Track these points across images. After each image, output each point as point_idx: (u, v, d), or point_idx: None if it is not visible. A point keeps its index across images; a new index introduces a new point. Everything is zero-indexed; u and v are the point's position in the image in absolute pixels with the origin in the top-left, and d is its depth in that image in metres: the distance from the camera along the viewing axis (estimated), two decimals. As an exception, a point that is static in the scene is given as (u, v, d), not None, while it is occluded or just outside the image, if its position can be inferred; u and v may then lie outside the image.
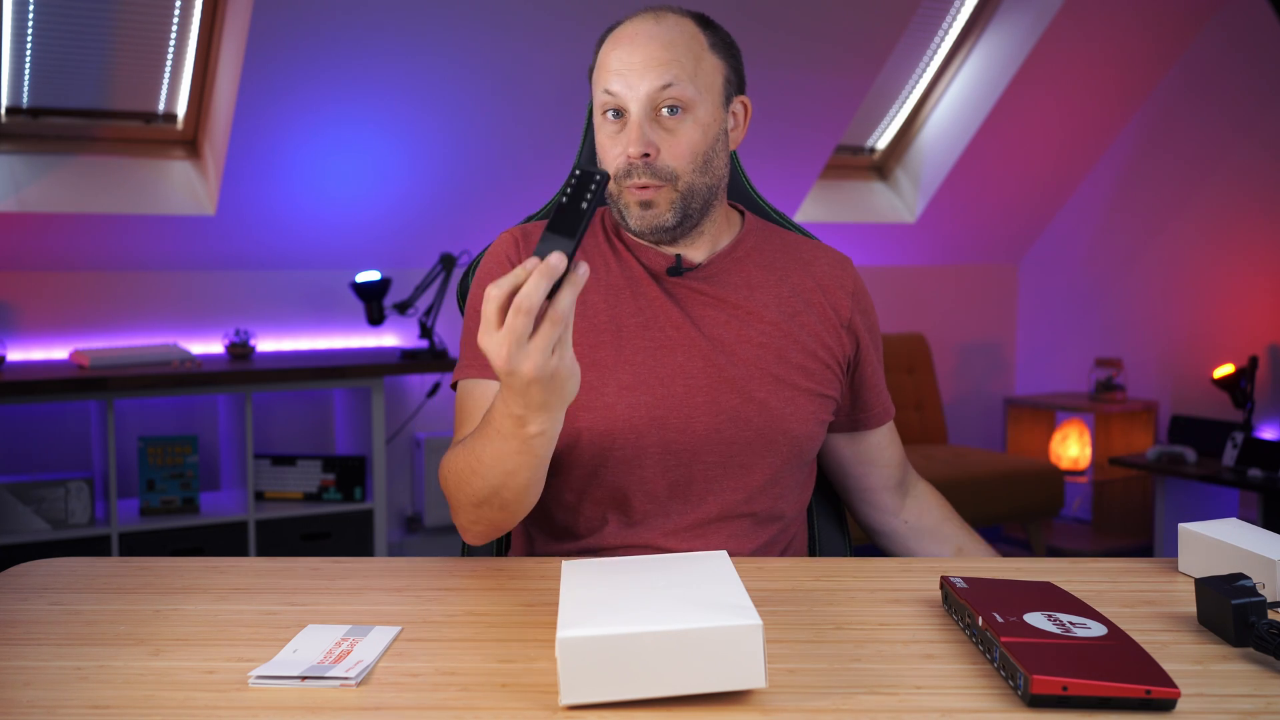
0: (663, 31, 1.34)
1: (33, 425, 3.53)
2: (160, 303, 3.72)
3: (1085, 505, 4.80)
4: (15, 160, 3.43)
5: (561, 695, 0.87)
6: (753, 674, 0.87)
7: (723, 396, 1.36)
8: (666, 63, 1.32)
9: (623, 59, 1.34)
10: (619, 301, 1.39)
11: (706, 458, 1.35)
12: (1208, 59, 4.47)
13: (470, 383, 1.37)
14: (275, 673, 0.93)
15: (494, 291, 0.99)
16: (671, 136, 1.33)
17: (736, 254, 1.43)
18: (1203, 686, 0.90)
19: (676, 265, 1.39)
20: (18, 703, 0.89)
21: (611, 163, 1.36)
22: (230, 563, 1.29)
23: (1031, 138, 4.62)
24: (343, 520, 3.59)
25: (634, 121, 1.33)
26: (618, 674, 0.87)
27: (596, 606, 0.93)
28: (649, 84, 1.32)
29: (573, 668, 0.87)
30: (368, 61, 3.37)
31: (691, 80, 1.33)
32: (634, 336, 1.37)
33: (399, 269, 3.94)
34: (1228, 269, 4.43)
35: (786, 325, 1.40)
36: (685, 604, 0.92)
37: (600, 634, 0.87)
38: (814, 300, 1.44)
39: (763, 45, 3.77)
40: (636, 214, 1.36)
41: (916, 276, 4.98)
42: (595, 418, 1.34)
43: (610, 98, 1.34)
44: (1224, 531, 1.19)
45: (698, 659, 0.87)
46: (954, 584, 1.06)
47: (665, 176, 1.34)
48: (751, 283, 1.42)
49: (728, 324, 1.39)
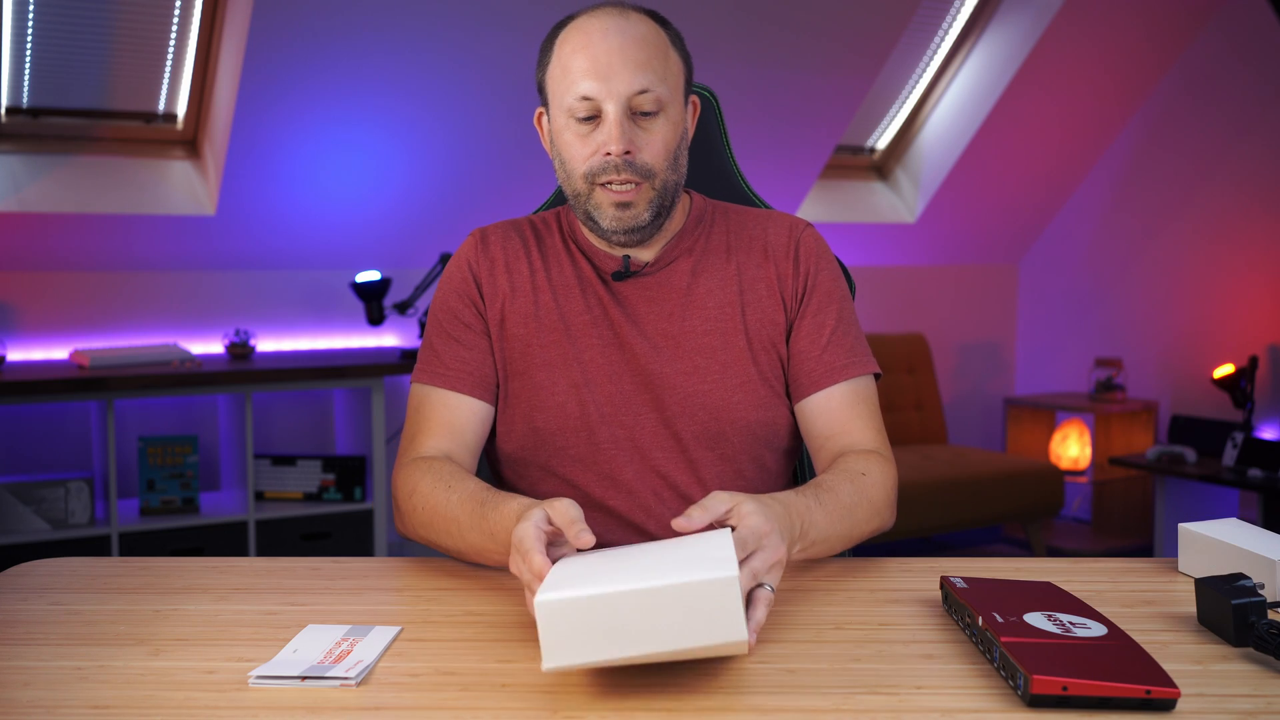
0: (632, 27, 1.32)
1: (33, 425, 3.53)
2: (160, 303, 3.72)
3: (1085, 505, 4.80)
4: (15, 160, 3.43)
5: (544, 660, 0.88)
6: (733, 628, 0.87)
7: (668, 394, 1.36)
8: (644, 64, 1.30)
9: (597, 59, 1.30)
10: (569, 301, 1.39)
11: (658, 454, 1.36)
12: (1208, 59, 4.46)
13: (425, 388, 1.38)
14: (275, 673, 0.93)
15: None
16: (647, 135, 1.32)
17: (683, 245, 1.42)
18: (1203, 686, 0.90)
19: (624, 268, 1.39)
20: (18, 703, 0.89)
21: (583, 162, 1.33)
22: (230, 563, 1.29)
23: (1031, 138, 4.62)
24: (343, 520, 3.59)
25: (614, 119, 1.30)
26: (597, 635, 0.87)
27: (578, 574, 0.94)
28: (628, 85, 1.29)
29: (552, 631, 0.87)
30: (368, 61, 3.37)
31: (663, 80, 1.32)
32: (583, 335, 1.38)
33: (399, 269, 3.94)
34: (1228, 269, 4.43)
35: (732, 309, 1.39)
36: (664, 564, 0.93)
37: (577, 595, 0.88)
38: (761, 274, 1.41)
39: (763, 45, 3.77)
40: (612, 215, 1.33)
41: (916, 276, 4.98)
42: (548, 416, 1.36)
43: (585, 102, 1.31)
44: (1224, 531, 1.19)
45: (675, 615, 0.87)
46: (954, 584, 1.06)
47: (644, 174, 1.32)
48: (698, 269, 1.41)
49: (671, 317, 1.38)
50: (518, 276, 1.41)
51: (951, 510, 4.04)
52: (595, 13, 1.34)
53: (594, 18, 1.33)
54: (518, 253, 1.43)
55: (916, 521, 3.97)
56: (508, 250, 1.43)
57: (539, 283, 1.41)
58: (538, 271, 1.41)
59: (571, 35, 1.33)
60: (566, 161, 1.35)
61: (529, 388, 1.37)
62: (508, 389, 1.39)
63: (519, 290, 1.41)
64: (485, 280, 1.42)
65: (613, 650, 0.87)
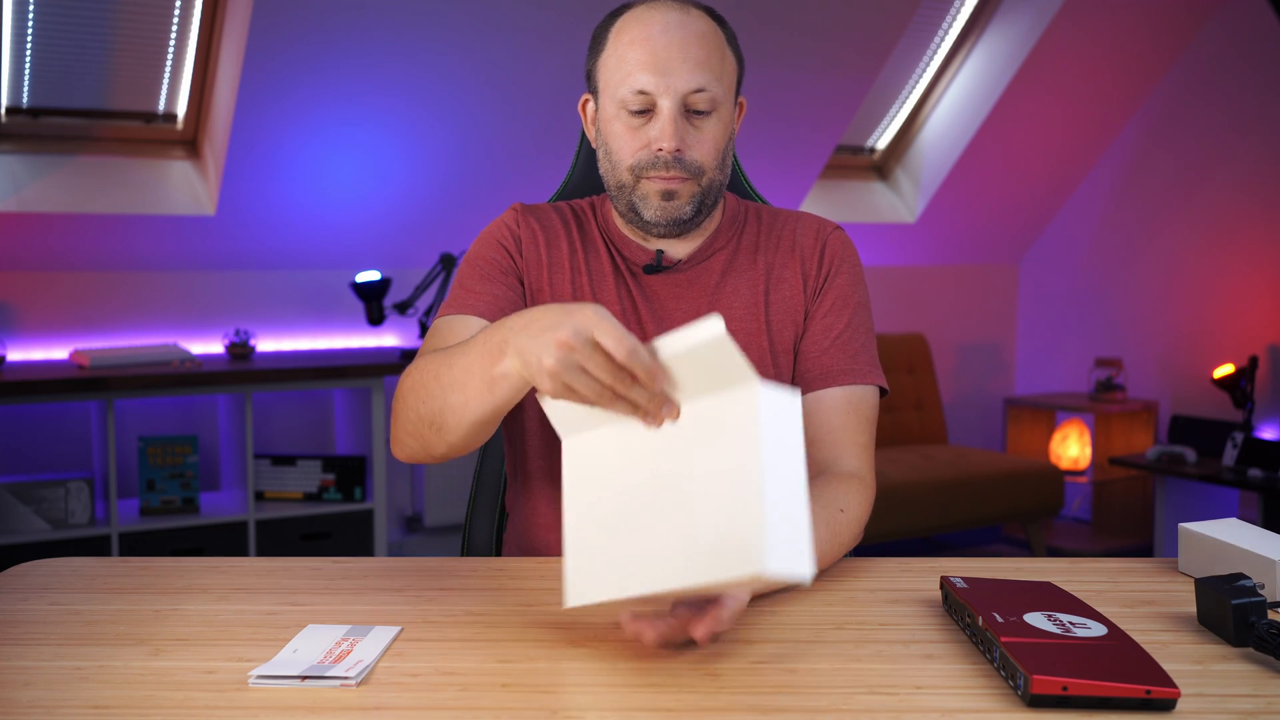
0: (693, 24, 1.30)
1: (33, 425, 3.53)
2: (160, 303, 3.72)
3: (1085, 505, 4.80)
4: (15, 160, 3.43)
5: (566, 597, 0.95)
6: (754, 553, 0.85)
7: None
8: (703, 62, 1.29)
9: (656, 52, 1.28)
10: (604, 290, 1.39)
11: None
12: (1208, 59, 4.46)
13: (449, 318, 1.35)
14: (275, 673, 0.93)
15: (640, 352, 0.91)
16: (699, 133, 1.31)
17: (717, 243, 1.41)
18: (1203, 686, 0.90)
19: (656, 262, 1.39)
20: (18, 703, 0.89)
21: (631, 155, 1.32)
22: (230, 563, 1.29)
23: (1031, 138, 4.62)
24: (343, 520, 3.59)
25: (668, 115, 1.29)
26: (625, 595, 0.92)
27: (603, 550, 0.97)
28: (685, 82, 1.28)
29: (576, 566, 0.93)
30: (368, 61, 3.37)
31: (719, 80, 1.31)
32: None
33: (399, 269, 3.94)
34: (1228, 269, 4.43)
35: (757, 310, 1.39)
36: (689, 529, 0.91)
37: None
38: (787, 274, 1.40)
39: (763, 45, 3.77)
40: (656, 205, 1.33)
41: (916, 276, 4.98)
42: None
43: (640, 96, 1.29)
44: (1224, 531, 1.19)
45: (706, 577, 0.88)
46: (954, 584, 1.06)
47: (693, 171, 1.32)
48: (728, 269, 1.40)
49: (699, 315, 1.37)
50: (556, 254, 1.40)
51: (951, 510, 4.04)
52: (656, 5, 1.32)
53: (655, 9, 1.31)
54: (558, 232, 1.41)
55: (916, 521, 3.97)
56: (549, 228, 1.41)
57: (577, 265, 1.40)
58: (577, 253, 1.40)
59: (629, 25, 1.32)
60: (613, 152, 1.34)
61: None
62: None
63: (557, 268, 1.39)
64: (527, 244, 1.40)
65: (638, 587, 0.92)
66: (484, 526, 1.60)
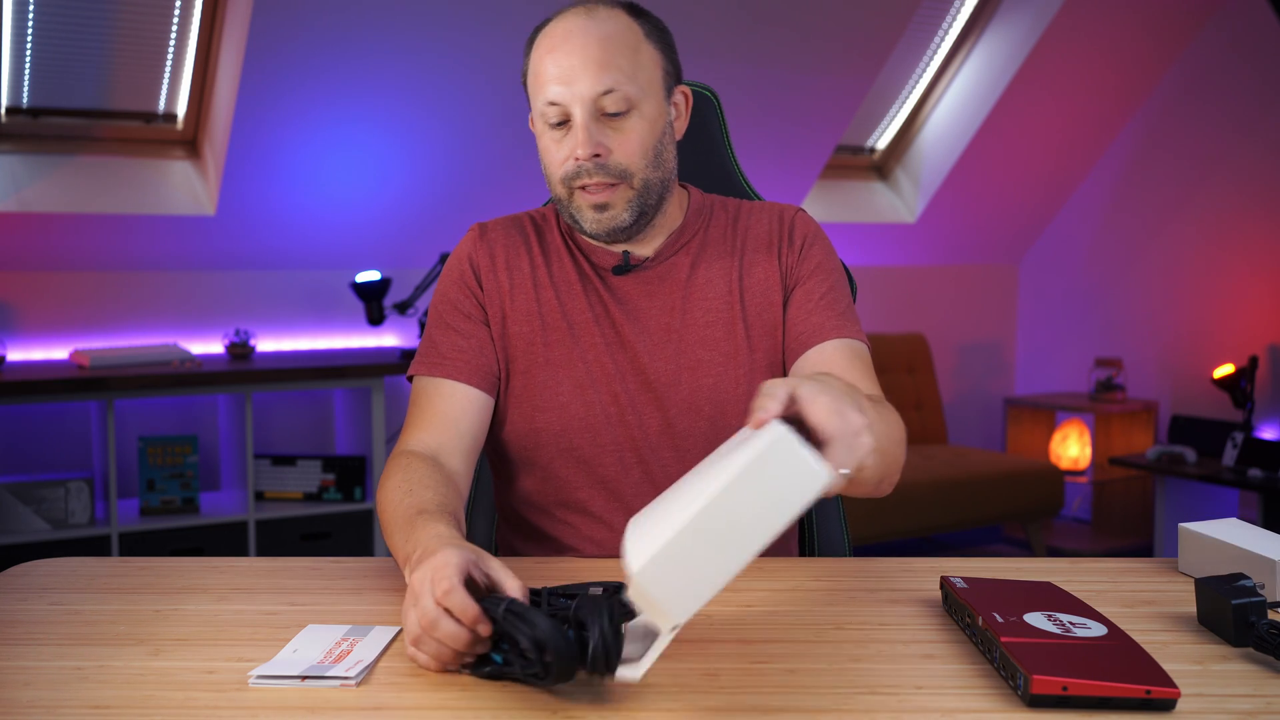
0: (596, 27, 1.30)
1: (33, 425, 3.53)
2: (160, 303, 3.72)
3: (1085, 505, 4.80)
4: (15, 160, 3.43)
5: (670, 619, 0.84)
6: (811, 478, 0.82)
7: (671, 391, 1.35)
8: (605, 63, 1.28)
9: (560, 62, 1.29)
10: (571, 299, 1.39)
11: (663, 453, 1.35)
12: (1208, 59, 4.47)
13: (422, 380, 1.37)
14: (275, 672, 0.93)
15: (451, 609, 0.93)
16: (620, 135, 1.31)
17: (683, 239, 1.41)
18: (1203, 686, 0.90)
19: (624, 263, 1.38)
20: (18, 703, 0.89)
21: (558, 168, 1.32)
22: (230, 563, 1.29)
23: (1031, 138, 4.62)
24: (343, 520, 3.59)
25: (580, 124, 1.29)
26: (701, 569, 0.83)
27: (641, 532, 0.89)
28: (589, 87, 1.28)
29: (663, 588, 0.83)
30: (367, 61, 3.37)
31: (632, 79, 1.30)
32: (585, 333, 1.37)
33: (399, 269, 3.94)
34: (1228, 269, 4.43)
35: (732, 298, 1.38)
36: (713, 474, 0.87)
37: (667, 540, 0.83)
38: (758, 259, 1.40)
39: (763, 45, 3.77)
40: (591, 217, 1.33)
41: (916, 276, 4.98)
42: (551, 417, 1.35)
43: (553, 108, 1.30)
44: (1224, 531, 1.19)
45: (756, 504, 0.82)
46: (954, 584, 1.06)
47: (619, 175, 1.31)
48: (697, 262, 1.40)
49: (673, 311, 1.37)
50: (518, 273, 1.40)
51: (951, 510, 4.04)
52: (564, 14, 1.33)
53: (561, 20, 1.32)
54: (518, 248, 1.42)
55: (916, 521, 3.97)
56: (509, 245, 1.42)
57: (540, 279, 1.40)
58: (539, 268, 1.40)
59: (542, 39, 1.34)
60: (546, 167, 1.36)
61: (531, 386, 1.36)
62: (509, 386, 1.38)
63: (519, 287, 1.40)
64: (485, 273, 1.40)
65: (723, 573, 0.83)
66: (483, 526, 1.60)
